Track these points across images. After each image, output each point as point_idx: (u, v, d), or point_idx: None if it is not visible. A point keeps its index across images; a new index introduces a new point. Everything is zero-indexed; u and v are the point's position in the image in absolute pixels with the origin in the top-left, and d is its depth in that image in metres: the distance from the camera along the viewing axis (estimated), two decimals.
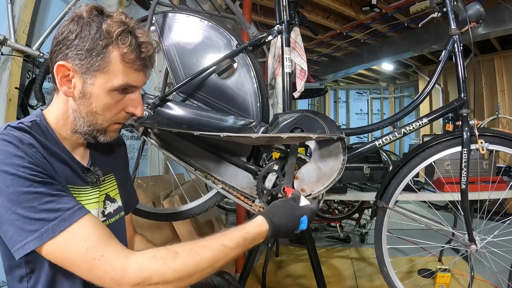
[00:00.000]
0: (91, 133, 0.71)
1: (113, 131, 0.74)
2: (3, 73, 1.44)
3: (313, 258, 1.56)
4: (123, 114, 0.72)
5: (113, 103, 0.69)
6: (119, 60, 0.66)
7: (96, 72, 0.65)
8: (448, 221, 1.38)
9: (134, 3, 2.13)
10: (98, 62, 0.65)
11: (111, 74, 0.66)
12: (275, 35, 1.25)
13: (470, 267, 1.72)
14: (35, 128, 0.67)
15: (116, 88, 0.67)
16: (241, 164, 1.21)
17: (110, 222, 0.79)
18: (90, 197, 0.74)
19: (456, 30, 1.20)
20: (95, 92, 0.67)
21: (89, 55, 0.64)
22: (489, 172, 1.68)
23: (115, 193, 0.84)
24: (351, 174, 2.07)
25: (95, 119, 0.69)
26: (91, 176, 0.74)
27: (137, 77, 0.69)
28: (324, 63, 5.97)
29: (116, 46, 0.65)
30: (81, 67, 0.65)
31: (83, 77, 0.66)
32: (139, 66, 0.69)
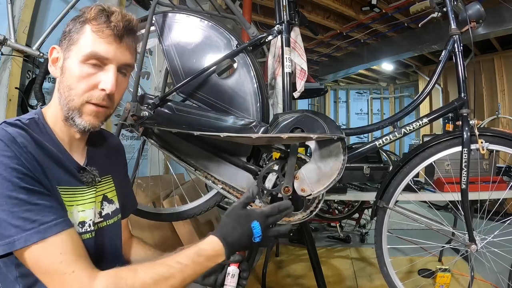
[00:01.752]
0: (69, 115, 0.70)
1: (89, 113, 0.70)
2: (3, 73, 1.44)
3: (313, 258, 1.56)
4: (97, 93, 0.69)
5: (83, 75, 0.68)
6: (89, 31, 0.68)
7: (72, 45, 0.69)
8: (448, 221, 1.38)
9: (134, 3, 2.13)
10: (74, 36, 0.69)
11: (81, 45, 0.68)
12: (275, 35, 1.25)
13: (470, 267, 1.72)
14: (32, 125, 0.68)
15: (85, 57, 0.67)
16: (241, 164, 1.21)
17: (108, 223, 0.78)
18: (86, 197, 0.73)
19: (456, 30, 1.20)
20: (69, 65, 0.69)
21: (68, 34, 0.69)
22: (489, 172, 1.68)
23: (113, 195, 0.83)
24: (351, 174, 2.07)
25: (69, 95, 0.68)
26: (87, 176, 0.73)
27: (107, 48, 0.68)
28: (324, 63, 5.98)
29: (89, 22, 0.68)
30: (63, 46, 0.70)
31: (64, 53, 0.70)
32: (109, 36, 0.68)
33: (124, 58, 0.71)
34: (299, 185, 1.12)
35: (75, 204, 0.70)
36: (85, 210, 0.72)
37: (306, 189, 1.12)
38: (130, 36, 0.72)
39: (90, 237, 0.71)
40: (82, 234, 0.70)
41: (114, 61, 0.70)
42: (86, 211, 0.72)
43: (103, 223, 0.77)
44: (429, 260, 2.35)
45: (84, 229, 0.71)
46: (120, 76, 0.73)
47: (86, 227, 0.71)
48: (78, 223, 0.70)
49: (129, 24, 0.71)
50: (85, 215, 0.71)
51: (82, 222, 0.71)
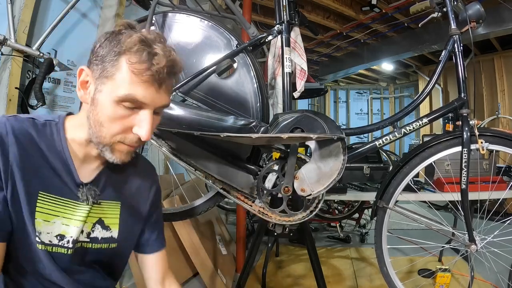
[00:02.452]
0: (98, 146, 0.67)
1: (120, 151, 0.68)
2: (3, 73, 1.43)
3: (313, 258, 1.56)
4: (130, 135, 0.66)
5: (117, 117, 0.64)
6: (127, 69, 0.62)
7: (105, 78, 0.64)
8: (448, 221, 1.38)
9: (134, 3, 2.13)
10: (109, 68, 0.63)
11: (117, 83, 0.63)
12: (275, 35, 1.25)
13: (470, 267, 1.72)
14: (46, 128, 0.67)
15: (120, 98, 0.63)
16: (241, 164, 1.21)
17: (93, 246, 0.73)
18: (75, 213, 0.69)
19: (456, 30, 1.20)
20: (102, 100, 0.64)
21: (103, 61, 0.64)
22: (489, 172, 1.68)
23: (112, 222, 0.77)
24: (351, 174, 2.07)
25: (100, 131, 0.65)
26: (83, 194, 0.70)
27: (144, 91, 0.63)
28: (324, 63, 5.97)
29: (127, 54, 0.62)
30: (95, 73, 0.65)
31: (96, 83, 0.65)
32: (148, 79, 0.63)
33: (161, 101, 0.67)
34: (299, 185, 1.12)
35: (61, 216, 0.68)
36: (69, 225, 0.69)
37: (306, 189, 1.12)
38: (171, 78, 0.68)
39: (65, 253, 0.68)
40: (58, 247, 0.67)
41: (151, 105, 0.65)
42: (70, 226, 0.69)
43: (87, 245, 0.73)
44: (429, 260, 2.35)
45: (61, 243, 0.68)
46: (155, 116, 0.69)
47: (64, 242, 0.68)
48: (57, 234, 0.67)
49: (173, 68, 0.66)
50: (67, 230, 0.68)
51: (62, 235, 0.68)
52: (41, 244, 0.66)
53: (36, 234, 0.65)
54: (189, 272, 2.05)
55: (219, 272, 2.04)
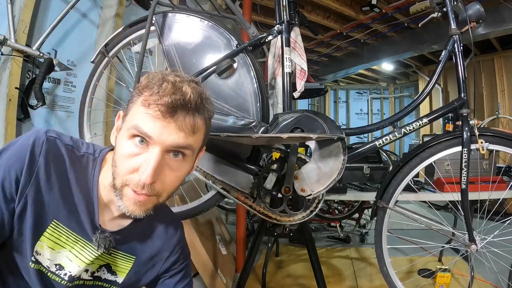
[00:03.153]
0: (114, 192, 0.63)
1: (128, 198, 0.61)
2: (3, 73, 1.43)
3: (313, 258, 1.56)
4: (135, 177, 0.59)
5: (125, 154, 0.59)
6: (140, 102, 0.59)
7: (125, 116, 0.62)
8: (448, 221, 1.38)
9: (134, 3, 2.13)
10: (129, 106, 0.62)
11: (130, 117, 0.60)
12: (275, 35, 1.25)
13: (470, 267, 1.72)
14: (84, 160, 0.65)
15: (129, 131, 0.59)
16: (241, 164, 1.21)
17: (94, 283, 0.71)
18: (83, 253, 0.66)
19: (456, 30, 1.20)
20: (120, 137, 0.62)
21: (128, 103, 0.63)
22: (489, 172, 1.68)
23: (121, 271, 0.73)
24: (351, 174, 2.07)
25: (114, 172, 0.62)
26: (97, 239, 0.66)
27: (153, 125, 0.57)
28: (324, 63, 5.97)
29: (143, 91, 0.60)
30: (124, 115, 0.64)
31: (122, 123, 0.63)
32: (156, 112, 0.57)
33: (173, 139, 0.58)
34: (299, 185, 1.12)
35: (68, 250, 0.66)
36: (73, 261, 0.66)
37: (306, 189, 1.12)
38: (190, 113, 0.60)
39: (59, 282, 0.66)
40: (53, 275, 0.66)
41: (158, 142, 0.58)
42: (73, 262, 0.66)
43: (89, 282, 0.70)
44: (429, 260, 2.35)
45: (58, 272, 0.66)
46: (174, 160, 0.61)
47: (61, 273, 0.66)
48: (57, 263, 0.65)
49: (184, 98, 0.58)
50: (68, 264, 0.66)
51: (61, 266, 0.66)
52: (36, 264, 0.64)
53: (34, 254, 0.63)
54: None
55: (219, 272, 2.04)
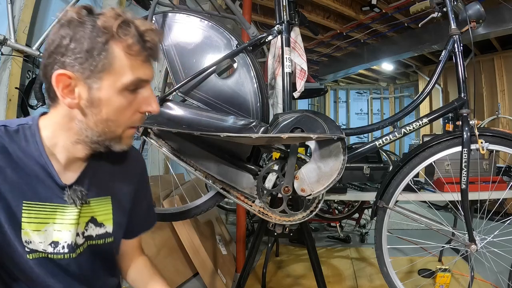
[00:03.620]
0: (103, 143, 0.64)
1: (128, 137, 0.67)
2: (3, 73, 1.44)
3: (313, 258, 1.56)
4: (138, 116, 0.65)
5: (126, 104, 0.62)
6: (124, 54, 0.59)
7: (101, 73, 0.59)
8: (448, 221, 1.38)
9: (134, 3, 2.13)
10: (101, 61, 0.58)
11: (118, 72, 0.59)
12: (275, 35, 1.25)
13: (470, 267, 1.72)
14: (19, 133, 0.63)
15: (127, 86, 0.61)
16: (241, 164, 1.21)
17: (90, 243, 0.72)
18: (65, 217, 0.66)
19: (456, 30, 1.20)
20: (104, 96, 0.60)
21: (90, 56, 0.57)
22: (489, 172, 1.68)
23: (105, 218, 0.74)
24: (351, 174, 2.07)
25: (106, 127, 0.62)
26: (69, 197, 0.66)
27: (145, 70, 0.63)
28: (324, 63, 5.97)
29: (118, 40, 0.58)
30: (83, 72, 0.58)
31: (87, 82, 0.59)
32: (145, 57, 0.62)
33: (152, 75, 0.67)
34: (299, 185, 1.12)
35: (52, 222, 0.65)
36: (62, 230, 0.66)
37: (306, 189, 1.12)
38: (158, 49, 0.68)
39: (62, 258, 0.66)
40: (54, 254, 0.65)
41: (151, 79, 0.66)
42: (62, 231, 0.66)
43: (84, 244, 0.71)
44: (429, 260, 2.35)
45: (56, 250, 0.65)
46: None
47: (59, 248, 0.66)
48: (51, 242, 0.65)
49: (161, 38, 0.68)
50: (60, 236, 0.66)
51: (56, 242, 0.65)
52: (33, 253, 0.63)
53: (25, 245, 0.62)
54: (189, 272, 2.05)
55: (219, 272, 2.05)
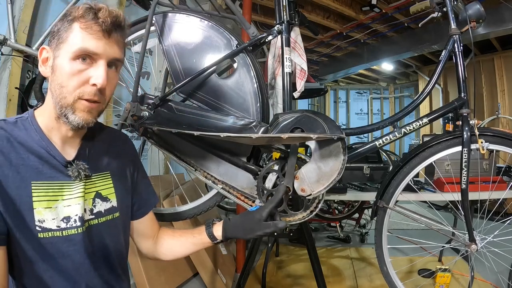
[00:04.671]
0: (62, 112, 0.70)
1: (82, 109, 0.71)
2: (3, 73, 1.44)
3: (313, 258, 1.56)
4: (88, 88, 0.70)
5: (74, 72, 0.69)
6: (78, 29, 0.69)
7: (61, 44, 0.69)
8: (448, 221, 1.38)
9: (134, 3, 2.13)
10: (63, 35, 0.69)
11: (71, 43, 0.69)
12: (275, 35, 1.25)
13: (470, 267, 1.72)
14: (18, 124, 0.70)
15: (75, 53, 0.68)
16: (241, 164, 1.21)
17: (100, 221, 0.78)
18: (73, 192, 0.73)
19: (456, 30, 1.20)
20: (59, 63, 0.69)
21: (57, 33, 0.70)
22: (489, 172, 1.68)
23: (109, 192, 0.81)
24: (351, 174, 2.07)
25: (61, 93, 0.69)
26: (73, 170, 0.73)
27: (96, 43, 0.69)
28: (324, 63, 5.97)
29: (77, 19, 0.69)
30: (53, 45, 0.71)
31: (54, 53, 0.70)
32: (97, 32, 0.69)
33: (113, 52, 0.72)
34: (299, 185, 1.12)
35: (60, 199, 0.71)
36: (71, 205, 0.72)
37: (306, 189, 1.11)
38: (119, 31, 0.74)
39: (75, 232, 0.71)
40: (67, 230, 0.70)
41: (104, 56, 0.71)
42: (72, 206, 0.72)
43: (93, 221, 0.76)
44: (429, 260, 2.35)
45: (69, 224, 0.71)
46: (111, 71, 0.74)
47: (72, 222, 0.71)
48: (62, 218, 0.70)
49: (117, 20, 0.72)
50: (70, 210, 0.71)
51: (67, 217, 0.71)
52: (45, 232, 0.67)
53: (37, 224, 0.66)
54: (189, 272, 2.05)
55: (219, 272, 2.05)
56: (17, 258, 0.66)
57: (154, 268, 1.78)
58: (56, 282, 0.69)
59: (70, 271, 0.70)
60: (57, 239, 0.69)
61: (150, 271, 1.75)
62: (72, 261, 0.70)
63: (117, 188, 0.83)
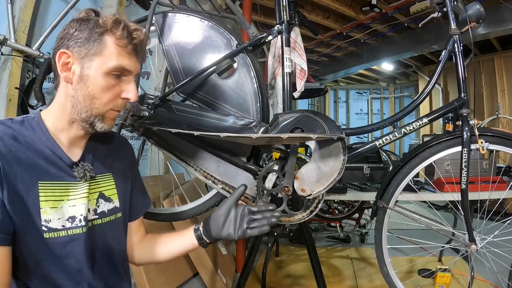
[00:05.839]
0: (89, 119, 0.73)
1: (111, 118, 0.76)
2: (3, 73, 1.44)
3: (313, 258, 1.56)
4: (120, 101, 0.76)
5: (109, 86, 0.72)
6: (113, 44, 0.71)
7: (93, 56, 0.71)
8: (448, 221, 1.38)
9: (134, 3, 2.13)
10: (95, 47, 0.71)
11: (106, 57, 0.71)
12: (275, 35, 1.25)
13: (470, 267, 1.72)
14: (25, 124, 0.71)
15: (111, 69, 0.71)
16: (241, 164, 1.21)
17: (104, 221, 0.79)
18: (78, 192, 0.74)
19: (456, 30, 1.20)
20: (92, 75, 0.71)
21: (87, 41, 0.71)
22: (489, 172, 1.68)
23: (112, 193, 0.83)
24: (351, 174, 2.07)
25: (92, 103, 0.72)
26: (79, 171, 0.75)
27: (129, 61, 0.74)
28: (324, 63, 5.97)
29: (110, 33, 0.71)
30: (80, 53, 0.71)
31: (81, 62, 0.71)
32: (131, 50, 0.74)
33: (139, 69, 0.78)
34: (299, 185, 1.12)
35: (66, 199, 0.72)
36: (76, 205, 0.73)
37: (306, 189, 1.11)
38: (144, 50, 0.80)
39: (80, 232, 0.72)
40: (72, 229, 0.71)
41: (134, 72, 0.76)
42: (77, 206, 0.73)
43: (97, 221, 0.77)
44: (429, 260, 2.35)
45: (74, 224, 0.71)
46: None
47: (77, 222, 0.72)
48: (68, 217, 0.71)
49: (146, 41, 0.78)
50: (75, 210, 0.72)
51: (72, 217, 0.72)
52: (50, 232, 0.68)
53: (43, 224, 0.67)
54: (189, 272, 2.05)
55: (219, 272, 2.05)
56: (21, 258, 0.67)
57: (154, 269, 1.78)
58: (59, 281, 0.69)
59: (73, 271, 0.71)
60: (62, 238, 0.69)
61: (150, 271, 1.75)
62: (76, 260, 0.71)
63: (119, 189, 0.85)
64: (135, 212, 0.93)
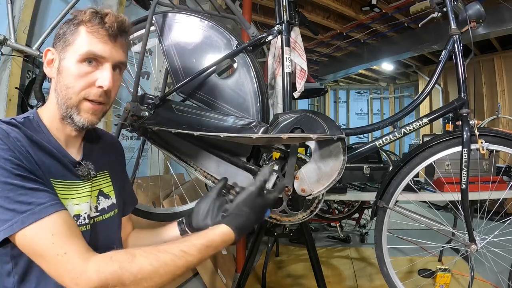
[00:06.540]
0: (68, 112, 0.72)
1: (86, 111, 0.73)
2: (3, 73, 1.44)
3: (313, 258, 1.56)
4: (94, 90, 0.72)
5: (81, 74, 0.71)
6: (85, 32, 0.71)
7: (68, 46, 0.71)
8: (448, 221, 1.38)
9: (134, 3, 2.13)
10: (69, 38, 0.71)
11: (78, 45, 0.71)
12: (275, 35, 1.25)
13: (470, 267, 1.72)
14: (26, 124, 0.71)
15: (82, 56, 0.70)
16: (241, 164, 1.21)
17: (104, 218, 0.80)
18: (81, 191, 0.75)
19: (456, 30, 1.20)
20: (66, 65, 0.71)
21: (63, 35, 0.72)
22: (489, 172, 1.68)
23: (109, 190, 0.84)
24: (351, 174, 2.07)
25: (67, 94, 0.71)
26: (82, 170, 0.75)
27: (103, 47, 0.72)
28: (324, 63, 5.97)
29: (84, 23, 0.71)
30: (58, 47, 0.72)
31: (60, 55, 0.72)
32: (104, 36, 0.72)
33: (118, 56, 0.75)
34: (299, 185, 1.12)
35: (70, 198, 0.72)
36: (80, 203, 0.73)
37: (306, 189, 1.11)
38: (124, 36, 0.76)
39: (84, 229, 0.73)
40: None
41: (110, 59, 0.73)
42: (81, 204, 0.73)
43: (98, 218, 0.78)
44: (429, 260, 2.35)
45: (79, 222, 0.72)
46: (115, 73, 0.76)
47: (81, 220, 0.73)
48: (73, 216, 0.71)
49: (122, 25, 0.75)
50: (80, 208, 0.73)
51: (77, 215, 0.72)
52: None
53: None
54: (189, 272, 2.05)
55: (219, 272, 2.05)
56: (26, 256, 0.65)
57: None
58: None
59: None
60: None
61: None
62: None
63: (114, 185, 0.86)
64: (126, 207, 0.95)
